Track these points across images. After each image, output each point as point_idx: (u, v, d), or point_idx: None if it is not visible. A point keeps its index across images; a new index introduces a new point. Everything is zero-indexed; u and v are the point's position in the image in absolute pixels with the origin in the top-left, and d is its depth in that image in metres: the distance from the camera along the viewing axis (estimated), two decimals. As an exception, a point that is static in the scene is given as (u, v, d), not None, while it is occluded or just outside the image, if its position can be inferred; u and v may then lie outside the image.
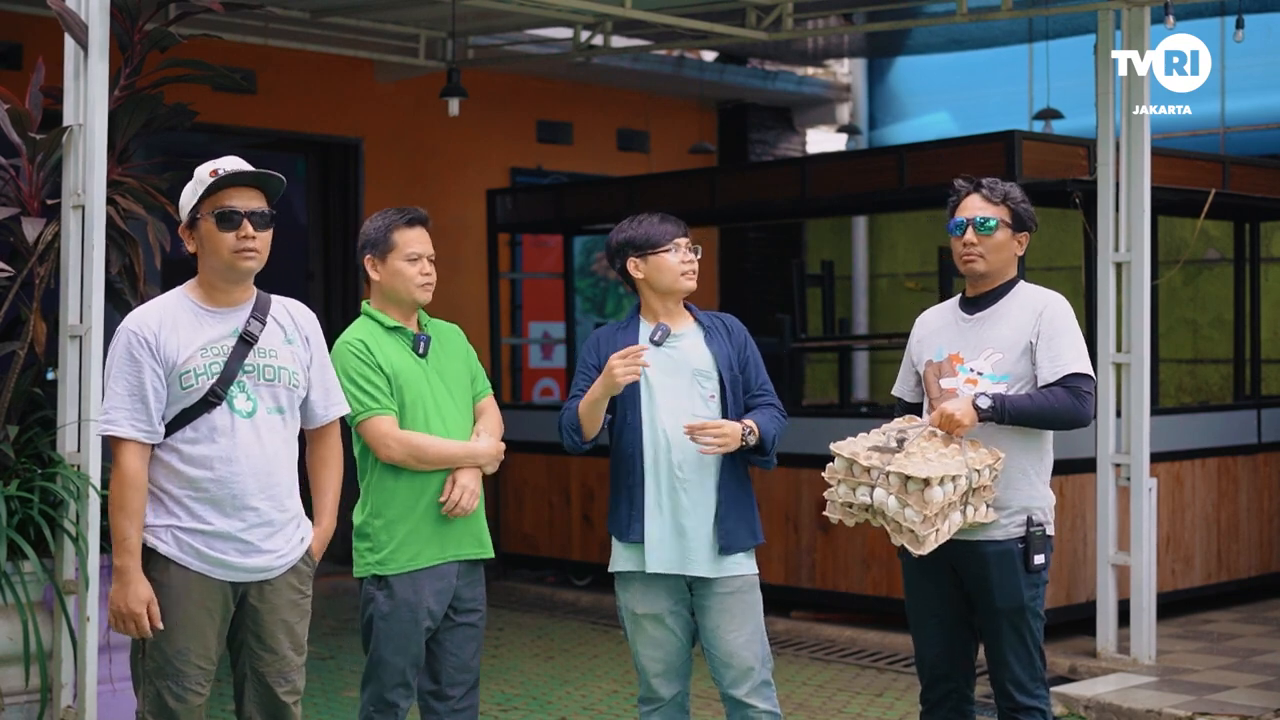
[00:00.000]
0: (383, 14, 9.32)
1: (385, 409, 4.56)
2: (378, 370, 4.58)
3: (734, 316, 4.82)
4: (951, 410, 4.39)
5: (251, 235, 4.04)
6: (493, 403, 4.86)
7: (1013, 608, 4.51)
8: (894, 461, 4.33)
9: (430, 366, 4.68)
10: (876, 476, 4.37)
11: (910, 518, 4.30)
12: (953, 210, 4.67)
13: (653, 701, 4.71)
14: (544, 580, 10.23)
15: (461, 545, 4.65)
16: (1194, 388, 11.22)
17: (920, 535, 4.30)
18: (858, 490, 4.42)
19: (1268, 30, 10.44)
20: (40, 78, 6.11)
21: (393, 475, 4.59)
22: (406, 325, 4.69)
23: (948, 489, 4.28)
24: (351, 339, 4.64)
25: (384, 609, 4.57)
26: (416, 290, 4.66)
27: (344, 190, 10.95)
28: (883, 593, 8.23)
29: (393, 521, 4.58)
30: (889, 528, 4.39)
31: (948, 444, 4.39)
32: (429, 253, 4.69)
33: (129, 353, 4.01)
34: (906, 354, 4.84)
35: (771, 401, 4.71)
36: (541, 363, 12.02)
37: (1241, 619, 8.47)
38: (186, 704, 4.05)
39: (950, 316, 4.72)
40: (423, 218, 4.73)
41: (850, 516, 4.50)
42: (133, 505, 3.98)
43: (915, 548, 4.33)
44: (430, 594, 4.58)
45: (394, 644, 4.56)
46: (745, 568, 4.61)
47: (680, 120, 12.59)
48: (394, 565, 4.57)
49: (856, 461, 4.41)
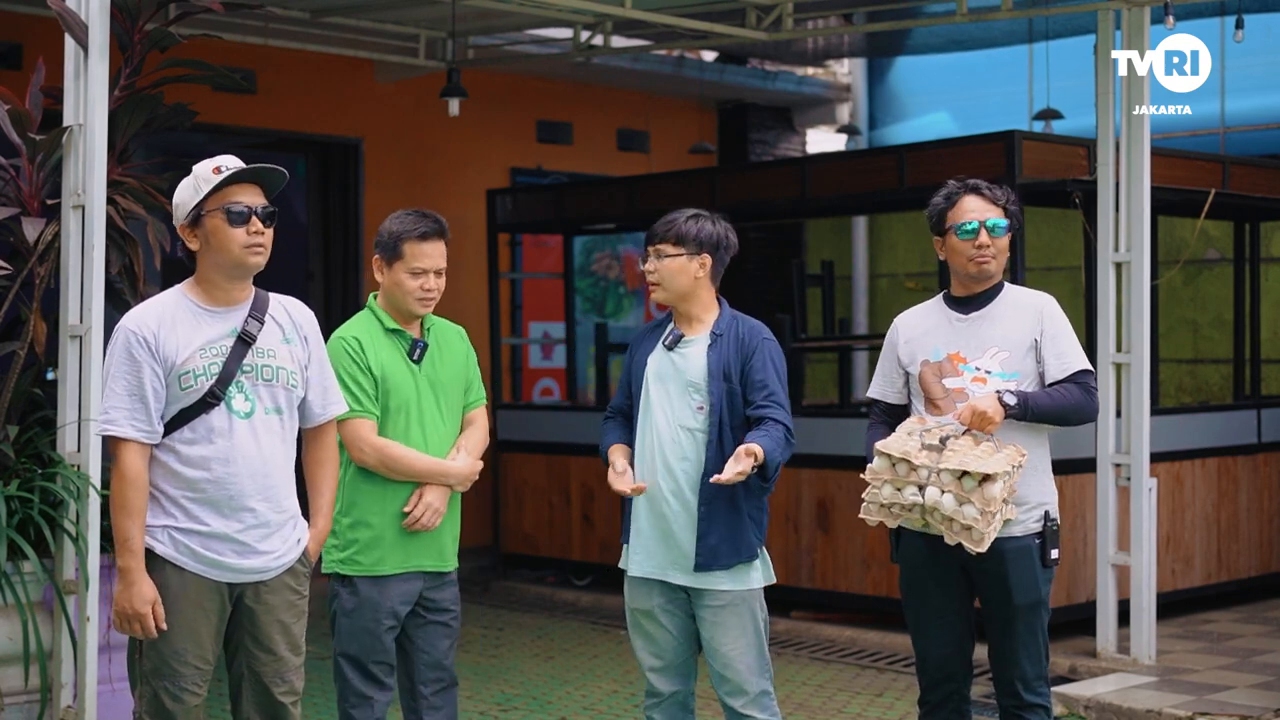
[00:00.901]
0: (383, 14, 9.32)
1: (367, 412, 4.56)
2: (366, 372, 4.58)
3: (760, 324, 4.67)
4: (984, 408, 4.40)
5: (260, 231, 4.05)
6: (483, 415, 4.83)
7: (1030, 603, 4.53)
8: (949, 459, 4.32)
9: (423, 374, 4.67)
10: (928, 476, 4.36)
11: (970, 515, 4.30)
12: (944, 212, 4.66)
13: (653, 696, 4.73)
14: (544, 580, 10.22)
15: (424, 557, 4.65)
16: (1194, 388, 11.22)
17: (980, 532, 4.31)
18: (904, 490, 4.40)
19: (1268, 30, 10.43)
20: (40, 78, 6.11)
21: (365, 477, 4.61)
22: (406, 329, 4.69)
23: (1001, 484, 4.30)
24: (347, 335, 4.64)
25: (347, 606, 4.60)
26: (414, 303, 4.65)
27: (344, 190, 10.95)
28: (883, 593, 8.23)
29: (359, 523, 4.60)
30: (942, 527, 4.38)
31: (978, 443, 4.39)
32: (437, 266, 4.66)
33: (128, 352, 4.00)
34: (887, 356, 4.78)
35: (777, 417, 4.52)
36: (541, 363, 12.01)
37: (1241, 619, 8.47)
38: (183, 704, 4.04)
39: (939, 317, 4.70)
40: (438, 230, 4.69)
41: (892, 518, 4.48)
42: (135, 505, 3.97)
43: (974, 545, 4.34)
44: (394, 596, 4.60)
45: (357, 640, 4.58)
46: (729, 583, 4.55)
47: (680, 120, 12.59)
48: (358, 567, 4.59)
49: (907, 460, 4.38)
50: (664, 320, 4.76)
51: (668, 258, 4.60)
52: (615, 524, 8.67)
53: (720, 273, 4.69)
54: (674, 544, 4.56)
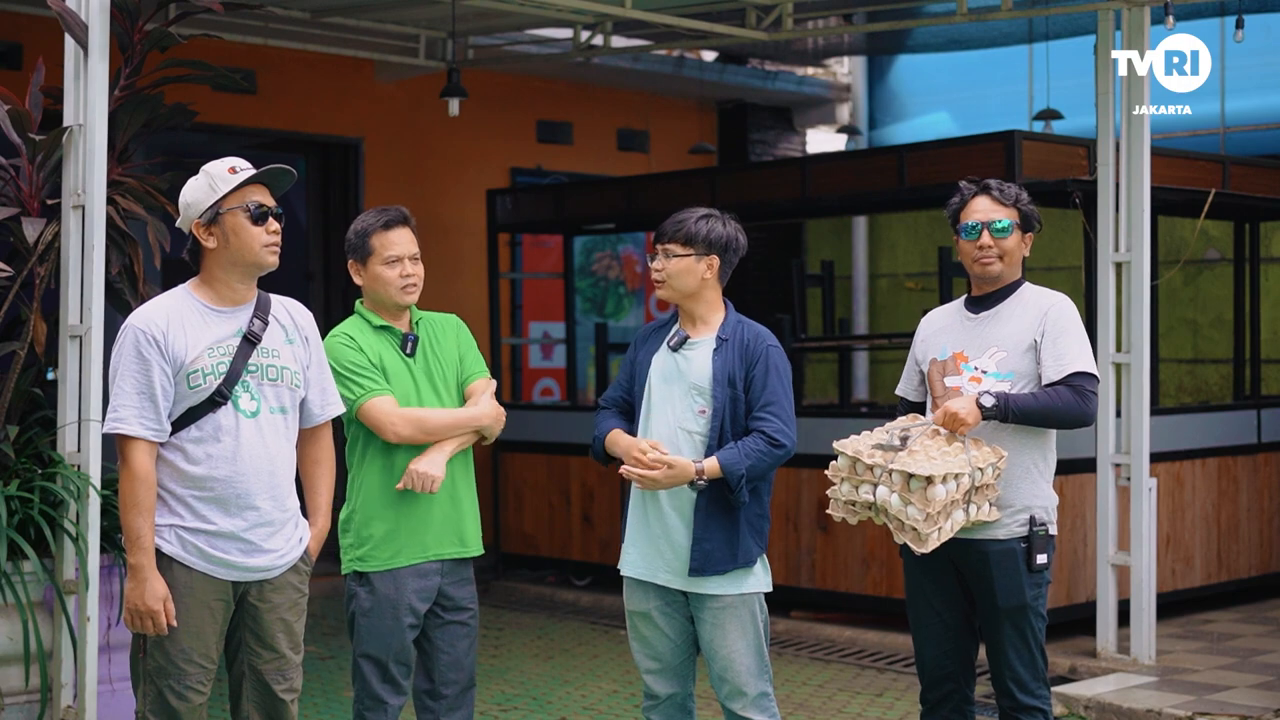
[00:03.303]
0: (383, 14, 9.32)
1: (385, 389, 4.57)
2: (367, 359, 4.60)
3: (766, 330, 4.64)
4: (955, 409, 4.39)
5: (277, 230, 4.11)
6: (483, 385, 4.73)
7: (1014, 607, 4.51)
8: (896, 459, 4.33)
9: (417, 365, 4.68)
10: (879, 474, 4.37)
11: (913, 516, 4.30)
12: (958, 212, 4.67)
13: (651, 698, 4.72)
14: (544, 580, 10.22)
15: (442, 544, 4.64)
16: (1194, 388, 11.22)
17: (923, 534, 4.30)
18: (860, 488, 4.42)
19: (1268, 30, 10.44)
20: (40, 78, 6.11)
21: (375, 472, 4.61)
22: (394, 325, 4.69)
23: (950, 487, 4.29)
24: (339, 332, 4.67)
25: (365, 605, 4.58)
26: (397, 293, 4.64)
27: (344, 190, 10.95)
28: (883, 593, 8.23)
29: (372, 518, 4.60)
30: (891, 526, 4.39)
31: (950, 442, 4.39)
32: (410, 253, 4.65)
33: (137, 351, 4.01)
34: (911, 353, 4.83)
35: (765, 429, 4.49)
36: (541, 363, 12.01)
37: (1241, 619, 8.47)
38: (188, 703, 4.05)
39: (955, 316, 4.73)
40: (401, 218, 4.68)
41: (853, 514, 4.50)
42: (145, 503, 3.98)
43: (918, 546, 4.33)
44: (411, 591, 4.58)
45: (376, 640, 4.57)
46: (725, 587, 4.53)
47: (680, 120, 12.59)
48: (374, 562, 4.58)
49: (860, 459, 4.41)
50: (668, 320, 4.75)
51: (675, 257, 4.58)
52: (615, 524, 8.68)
53: (728, 274, 4.67)
54: (669, 547, 4.55)
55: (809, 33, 10.82)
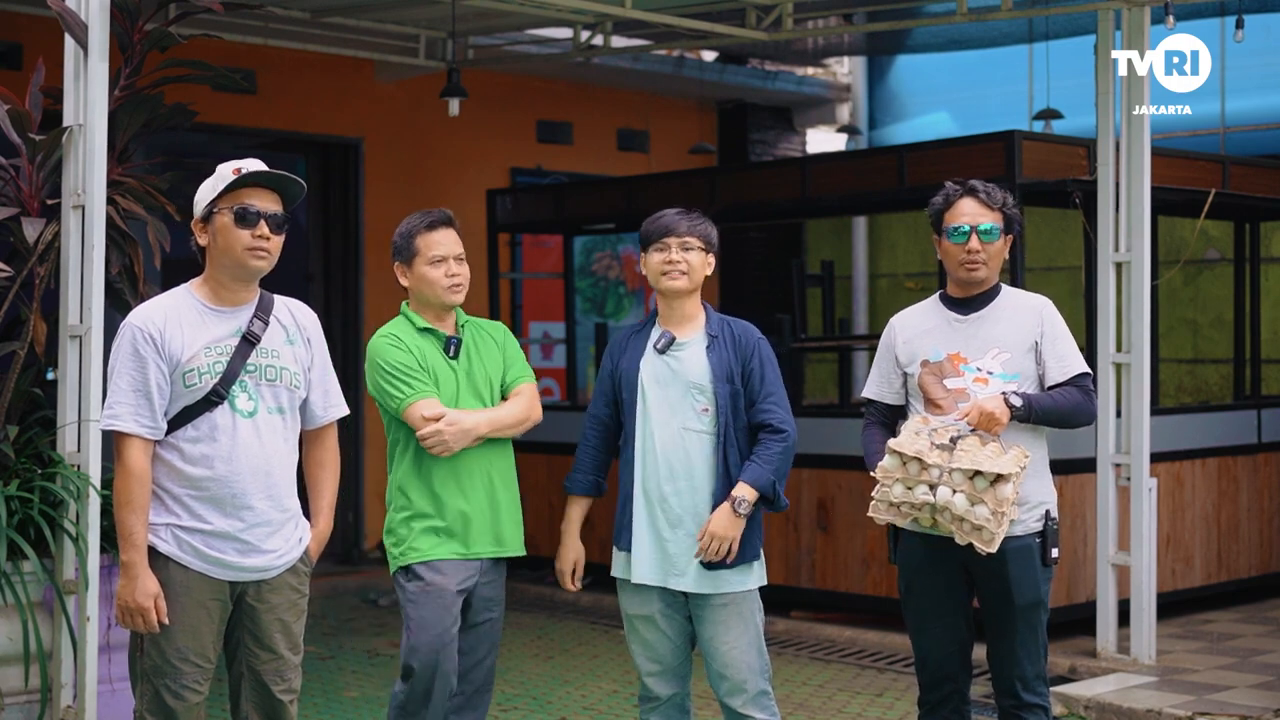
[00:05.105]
0: (383, 14, 9.32)
1: (432, 392, 4.62)
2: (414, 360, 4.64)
3: (750, 324, 4.72)
4: (991, 408, 4.41)
5: (266, 236, 4.08)
6: (526, 390, 4.82)
7: (1030, 603, 4.54)
8: (963, 459, 4.33)
9: (460, 369, 4.71)
10: (938, 475, 4.36)
11: (982, 515, 4.31)
12: (941, 213, 4.67)
13: (650, 700, 4.72)
14: (544, 580, 10.21)
15: (482, 544, 4.69)
16: (1194, 388, 11.22)
17: (991, 532, 4.32)
18: (916, 489, 4.41)
19: (1268, 30, 10.44)
20: (40, 78, 6.11)
21: (415, 470, 4.65)
22: (439, 327, 4.73)
23: (1014, 485, 4.31)
24: (386, 333, 4.72)
25: (412, 594, 4.61)
26: (444, 293, 4.69)
27: (344, 190, 10.95)
28: (883, 593, 8.23)
29: (414, 516, 4.65)
30: (952, 526, 4.39)
31: (984, 443, 4.40)
32: (455, 253, 4.72)
33: (134, 349, 4.02)
34: (884, 356, 4.77)
35: (770, 420, 4.55)
36: (541, 363, 12.01)
37: (1241, 619, 8.47)
38: (185, 702, 4.05)
39: (938, 317, 4.70)
40: (445, 219, 4.77)
41: (901, 516, 4.49)
42: (138, 500, 3.99)
43: (984, 546, 4.34)
44: (454, 580, 4.61)
45: (426, 629, 4.56)
46: (733, 584, 4.56)
47: (680, 120, 12.59)
48: (415, 555, 4.62)
49: (919, 459, 4.38)
50: (643, 325, 4.76)
51: (694, 250, 4.63)
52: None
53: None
54: (679, 547, 4.56)
55: (809, 33, 10.82)
